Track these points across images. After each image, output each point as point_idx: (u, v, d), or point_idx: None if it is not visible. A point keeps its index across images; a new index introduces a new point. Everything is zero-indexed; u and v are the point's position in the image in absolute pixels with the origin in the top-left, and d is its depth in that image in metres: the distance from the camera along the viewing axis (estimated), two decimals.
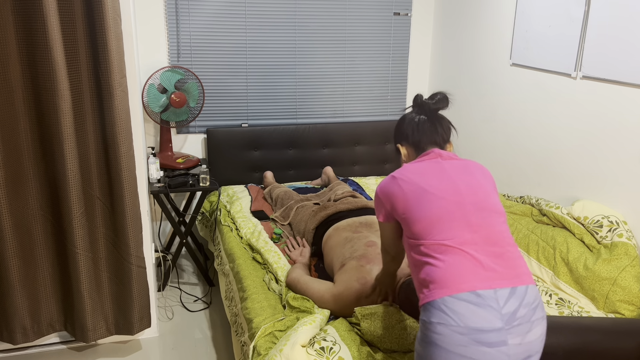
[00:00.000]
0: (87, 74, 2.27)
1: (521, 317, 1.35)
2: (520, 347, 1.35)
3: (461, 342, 1.33)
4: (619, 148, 2.38)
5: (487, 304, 1.34)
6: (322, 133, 3.67)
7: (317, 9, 3.55)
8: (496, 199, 1.54)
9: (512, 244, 1.47)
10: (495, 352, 1.32)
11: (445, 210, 1.47)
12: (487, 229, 1.44)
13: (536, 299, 1.40)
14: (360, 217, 2.59)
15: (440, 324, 1.35)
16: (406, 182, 1.56)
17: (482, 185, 1.54)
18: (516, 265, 1.42)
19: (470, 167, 1.60)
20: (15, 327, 2.44)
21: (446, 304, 1.36)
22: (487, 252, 1.41)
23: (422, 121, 1.71)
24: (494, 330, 1.33)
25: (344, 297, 2.07)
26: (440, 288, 1.38)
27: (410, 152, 1.74)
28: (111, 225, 2.45)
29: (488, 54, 3.24)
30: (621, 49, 2.31)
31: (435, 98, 1.72)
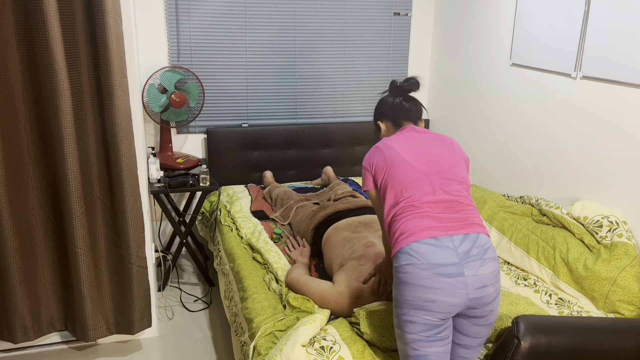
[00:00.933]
0: (87, 74, 2.27)
1: (474, 255, 1.64)
2: (475, 278, 1.62)
3: (425, 276, 1.60)
4: (619, 148, 2.38)
5: (444, 245, 1.63)
6: (322, 133, 3.67)
7: (317, 9, 3.56)
8: (458, 169, 1.81)
9: (468, 204, 1.75)
10: (453, 281, 1.60)
11: (414, 177, 1.76)
12: (447, 194, 1.74)
13: (487, 243, 1.68)
14: (360, 216, 2.59)
15: (408, 264, 1.63)
16: (388, 150, 1.84)
17: (447, 157, 1.82)
18: (469, 219, 1.71)
19: (440, 140, 1.88)
20: (16, 326, 2.45)
21: (412, 248, 1.64)
22: (446, 211, 1.71)
23: (398, 101, 2.02)
24: (451, 264, 1.61)
25: (343, 296, 2.07)
26: (406, 237, 1.67)
27: (389, 127, 2.03)
28: (112, 224, 2.45)
29: (488, 54, 3.24)
30: (621, 49, 2.31)
31: (409, 81, 2.03)
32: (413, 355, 1.65)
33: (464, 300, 1.61)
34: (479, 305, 1.64)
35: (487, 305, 1.65)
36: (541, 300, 2.30)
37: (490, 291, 1.64)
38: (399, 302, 1.66)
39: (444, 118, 3.75)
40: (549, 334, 1.76)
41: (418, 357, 1.64)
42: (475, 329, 1.70)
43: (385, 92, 2.10)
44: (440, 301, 1.59)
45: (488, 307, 1.66)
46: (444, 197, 1.73)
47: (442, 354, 1.66)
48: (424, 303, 1.60)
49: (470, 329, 1.70)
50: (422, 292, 1.60)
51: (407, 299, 1.63)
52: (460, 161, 1.84)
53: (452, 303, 1.60)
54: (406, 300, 1.63)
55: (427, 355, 1.64)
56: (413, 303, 1.61)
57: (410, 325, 1.63)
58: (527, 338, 1.74)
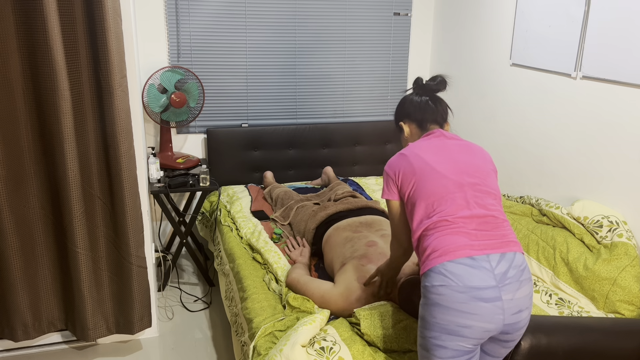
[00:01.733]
0: (87, 74, 2.27)
1: (511, 277, 1.52)
2: (512, 302, 1.51)
3: (461, 300, 1.49)
4: (619, 148, 2.38)
5: (481, 266, 1.51)
6: (322, 133, 3.67)
7: (317, 9, 3.56)
8: (492, 181, 1.69)
9: (503, 219, 1.63)
10: (491, 306, 1.49)
11: (447, 189, 1.63)
12: (482, 208, 1.61)
13: (523, 263, 1.57)
14: (360, 217, 2.59)
15: (442, 285, 1.51)
16: (415, 158, 1.70)
17: (480, 167, 1.69)
18: (505, 236, 1.59)
19: (471, 149, 1.75)
20: (17, 324, 2.45)
21: (446, 268, 1.52)
22: (480, 227, 1.58)
23: (424, 101, 1.85)
24: (489, 287, 1.49)
25: (344, 297, 2.07)
26: (440, 256, 1.54)
27: (413, 130, 1.87)
28: (111, 224, 2.45)
29: (488, 54, 3.24)
30: (621, 49, 2.31)
31: (436, 80, 1.86)
32: None
33: (500, 326, 1.52)
34: (512, 330, 1.55)
35: (519, 330, 1.57)
36: (541, 300, 2.30)
37: (525, 315, 1.56)
38: (429, 324, 1.55)
39: None
40: (549, 334, 1.75)
41: None
42: (501, 351, 1.63)
43: (409, 90, 1.94)
44: (476, 327, 1.49)
45: (520, 331, 1.58)
46: (479, 211, 1.60)
47: None
48: (459, 329, 1.50)
49: (497, 351, 1.63)
50: (457, 317, 1.49)
51: (439, 322, 1.52)
52: (492, 172, 1.72)
53: (488, 329, 1.51)
54: (438, 324, 1.52)
55: None
56: (446, 327, 1.51)
57: (440, 350, 1.53)
58: (527, 338, 1.74)
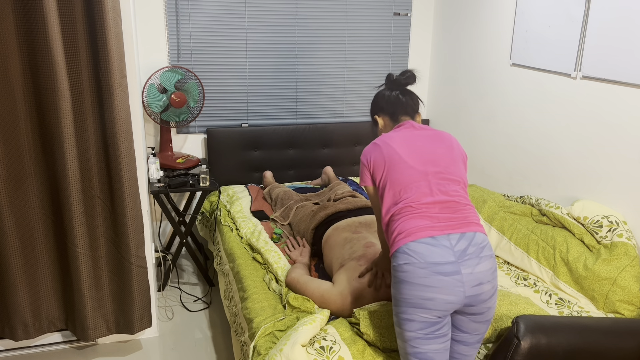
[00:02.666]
0: (87, 74, 2.27)
1: (470, 254, 1.66)
2: (472, 276, 1.64)
3: (423, 275, 1.63)
4: (619, 148, 2.38)
5: (441, 244, 1.65)
6: (322, 133, 3.67)
7: (317, 9, 3.56)
8: (456, 168, 1.82)
9: (465, 204, 1.76)
10: (451, 279, 1.62)
11: (412, 178, 1.77)
12: (444, 194, 1.75)
13: (484, 241, 1.70)
14: (360, 217, 2.59)
15: (406, 263, 1.65)
16: (386, 148, 1.84)
17: (445, 156, 1.83)
18: (466, 218, 1.73)
19: (439, 137, 1.88)
20: (17, 323, 2.45)
21: (409, 247, 1.66)
22: (443, 211, 1.73)
23: (395, 95, 2.00)
24: (448, 262, 1.63)
25: (343, 296, 2.07)
26: (404, 237, 1.69)
27: (386, 122, 2.02)
28: (111, 224, 2.45)
29: (488, 54, 3.24)
30: (621, 49, 2.31)
31: (406, 75, 2.01)
32: (412, 353, 1.68)
33: (461, 298, 1.63)
34: (476, 302, 1.66)
35: (484, 302, 1.68)
36: (541, 300, 2.30)
37: (487, 288, 1.67)
38: (397, 301, 1.69)
39: (444, 118, 3.75)
40: (549, 334, 1.76)
41: (417, 355, 1.67)
42: (474, 326, 1.72)
43: (382, 85, 2.09)
44: (438, 299, 1.62)
45: (485, 304, 1.68)
46: (442, 197, 1.74)
47: (441, 351, 1.69)
48: (422, 301, 1.63)
49: (469, 325, 1.72)
50: (420, 291, 1.62)
51: (405, 297, 1.65)
52: (458, 159, 1.85)
53: (450, 301, 1.63)
54: (404, 299, 1.65)
55: (426, 353, 1.67)
56: (411, 301, 1.64)
57: (408, 323, 1.66)
58: (527, 338, 1.74)
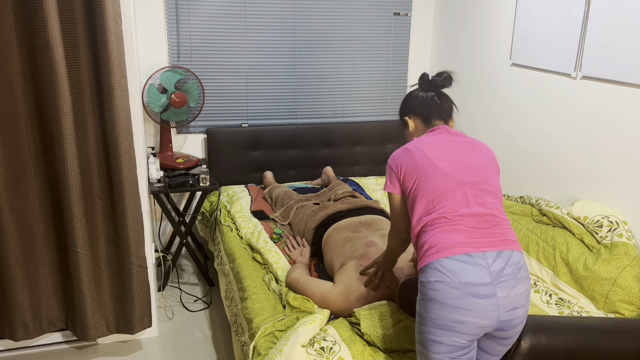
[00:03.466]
0: (87, 74, 2.27)
1: (507, 275, 1.54)
2: (507, 299, 1.53)
3: (456, 295, 1.51)
4: (619, 148, 2.38)
5: (477, 263, 1.53)
6: (322, 133, 3.67)
7: (317, 9, 3.56)
8: (493, 179, 1.70)
9: (503, 218, 1.65)
10: (485, 302, 1.51)
11: (448, 187, 1.64)
12: (481, 207, 1.63)
13: (520, 261, 1.59)
14: (360, 216, 2.59)
15: (437, 281, 1.53)
16: (419, 154, 1.71)
17: (483, 166, 1.70)
18: (504, 234, 1.61)
19: (475, 146, 1.75)
20: (17, 324, 2.45)
21: (441, 264, 1.54)
22: (479, 225, 1.60)
23: (430, 96, 1.87)
24: (483, 284, 1.51)
25: (344, 297, 2.07)
26: (436, 252, 1.56)
27: (418, 125, 1.88)
28: (112, 224, 2.45)
29: (488, 54, 3.24)
30: (621, 49, 2.31)
31: (443, 76, 1.89)
32: None
33: (495, 322, 1.54)
34: (508, 327, 1.57)
35: (515, 327, 1.59)
36: (541, 300, 2.30)
37: (521, 313, 1.58)
38: (424, 320, 1.58)
39: None
40: (549, 334, 1.75)
41: None
42: (499, 349, 1.65)
43: (414, 85, 1.96)
44: (470, 323, 1.52)
45: (516, 328, 1.60)
46: (479, 210, 1.62)
47: None
48: (453, 324, 1.52)
49: (494, 348, 1.65)
50: (452, 312, 1.52)
51: (433, 317, 1.55)
52: (494, 171, 1.73)
53: (482, 325, 1.53)
54: (432, 319, 1.55)
55: None
56: (440, 323, 1.54)
57: (435, 345, 1.56)
58: (527, 338, 1.74)
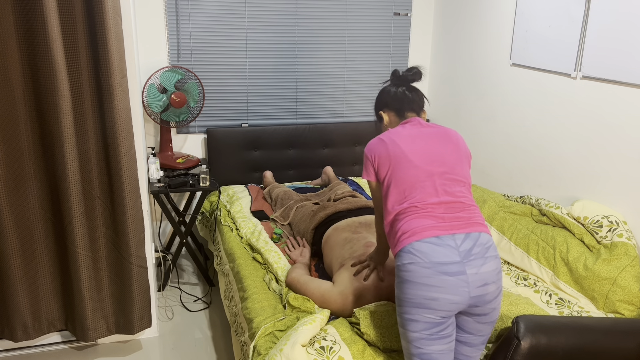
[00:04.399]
0: (87, 74, 2.27)
1: (476, 254, 1.65)
2: (477, 276, 1.63)
3: (427, 274, 1.62)
4: (619, 148, 2.38)
5: (446, 244, 1.65)
6: (322, 133, 3.67)
7: (317, 9, 3.56)
8: (461, 168, 1.81)
9: (470, 204, 1.76)
10: (455, 279, 1.61)
11: (418, 178, 1.76)
12: (449, 195, 1.75)
13: (489, 242, 1.69)
14: (360, 217, 2.59)
15: (410, 263, 1.64)
16: (392, 145, 1.82)
17: (451, 156, 1.81)
18: (471, 218, 1.72)
19: (445, 136, 1.86)
20: (16, 324, 2.45)
21: (414, 247, 1.65)
22: (447, 211, 1.72)
23: (402, 91, 1.98)
24: (453, 262, 1.62)
25: (344, 296, 2.07)
26: (409, 237, 1.68)
27: (392, 118, 1.99)
28: (111, 224, 2.45)
29: (488, 54, 3.24)
30: (621, 49, 2.31)
31: (412, 71, 1.98)
32: (416, 354, 1.67)
33: (466, 298, 1.62)
34: (481, 303, 1.65)
35: (489, 303, 1.67)
36: (541, 300, 2.30)
37: (492, 289, 1.66)
38: (401, 301, 1.68)
39: (444, 118, 3.75)
40: (549, 334, 1.76)
41: (421, 355, 1.66)
42: (478, 327, 1.72)
43: (387, 81, 2.07)
44: (442, 299, 1.61)
45: (490, 304, 1.67)
46: (447, 198, 1.74)
47: (445, 352, 1.67)
48: (426, 301, 1.62)
49: (473, 326, 1.72)
50: (424, 291, 1.61)
51: (409, 297, 1.64)
52: (464, 159, 1.84)
53: (454, 301, 1.62)
54: (408, 299, 1.64)
55: (431, 354, 1.66)
56: (415, 301, 1.63)
57: (412, 323, 1.65)
58: (527, 338, 1.74)
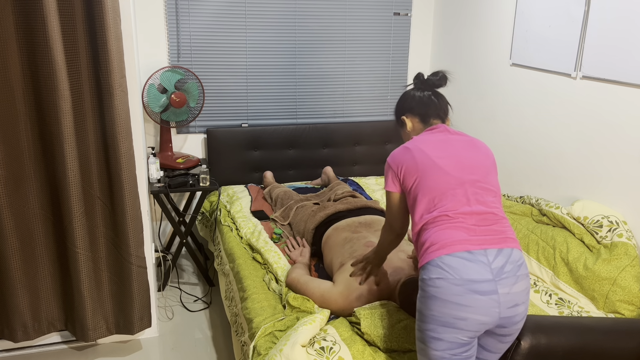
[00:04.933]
0: (87, 74, 2.27)
1: (508, 272, 1.55)
2: (509, 296, 1.54)
3: (457, 292, 1.51)
4: (619, 148, 2.38)
5: (478, 260, 1.54)
6: (322, 133, 3.67)
7: (317, 9, 3.55)
8: (492, 177, 1.72)
9: (502, 217, 1.66)
10: (487, 299, 1.51)
11: (449, 185, 1.65)
12: (482, 205, 1.64)
13: (520, 259, 1.60)
14: (360, 217, 2.59)
15: (439, 278, 1.54)
16: (419, 153, 1.71)
17: (482, 164, 1.72)
18: (503, 232, 1.62)
19: (474, 145, 1.77)
20: (16, 325, 2.45)
21: (443, 261, 1.55)
22: (479, 223, 1.61)
23: (427, 95, 1.87)
24: (485, 280, 1.52)
25: (344, 296, 2.07)
26: (438, 249, 1.57)
27: (415, 124, 1.88)
28: (111, 224, 2.45)
29: (488, 54, 3.24)
30: (621, 49, 2.31)
31: (438, 75, 1.88)
32: None
33: (496, 319, 1.54)
34: (508, 324, 1.58)
35: (516, 324, 1.59)
36: (541, 300, 2.30)
37: (522, 310, 1.58)
38: (425, 317, 1.58)
39: None
40: (549, 334, 1.75)
41: None
42: (499, 346, 1.65)
43: (409, 85, 1.96)
44: (472, 319, 1.52)
45: (516, 325, 1.60)
46: (479, 208, 1.63)
47: None
48: (454, 321, 1.52)
49: (495, 346, 1.65)
50: (453, 309, 1.52)
51: (435, 315, 1.55)
52: (493, 169, 1.74)
53: (483, 322, 1.53)
54: (434, 316, 1.55)
55: None
56: (442, 320, 1.54)
57: (436, 342, 1.56)
58: (527, 338, 1.74)
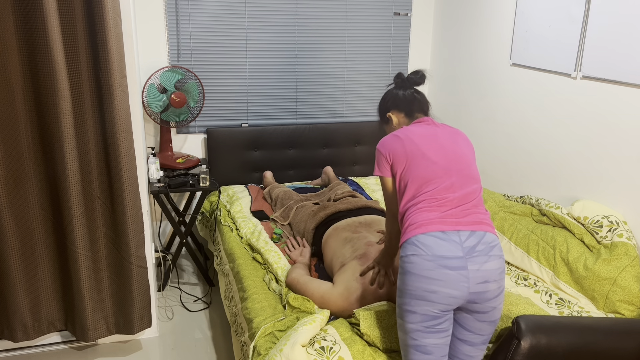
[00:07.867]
0: (87, 74, 2.27)
1: (479, 251, 1.66)
2: (478, 272, 1.64)
3: (429, 267, 1.64)
4: (619, 148, 2.38)
5: (450, 239, 1.67)
6: (322, 133, 3.67)
7: (317, 9, 3.55)
8: (474, 167, 1.85)
9: (480, 204, 1.78)
10: (456, 274, 1.63)
11: (435, 173, 1.78)
12: (463, 191, 1.76)
13: (494, 241, 1.71)
14: (360, 217, 2.59)
15: (414, 255, 1.67)
16: (408, 142, 1.83)
17: (466, 154, 1.85)
18: (478, 217, 1.74)
19: (457, 136, 1.90)
20: (16, 325, 2.45)
21: (418, 239, 1.68)
22: (458, 208, 1.74)
23: (410, 93, 2.03)
24: (455, 257, 1.64)
25: (344, 297, 2.07)
26: (415, 229, 1.70)
27: (401, 119, 2.02)
28: (111, 224, 2.45)
29: (488, 54, 3.24)
30: (621, 49, 2.31)
31: (419, 74, 2.03)
32: (412, 345, 1.69)
33: (465, 294, 1.64)
34: (480, 300, 1.66)
35: (489, 301, 1.67)
36: (541, 300, 2.30)
37: (493, 287, 1.66)
38: (401, 292, 1.70)
39: (444, 118, 3.75)
40: (549, 334, 1.76)
41: (417, 347, 1.69)
42: (478, 325, 1.72)
43: (391, 84, 2.09)
44: (441, 292, 1.63)
45: (489, 303, 1.68)
46: (460, 194, 1.75)
47: (440, 346, 1.69)
48: (425, 294, 1.63)
49: (473, 324, 1.72)
50: (424, 283, 1.63)
51: (409, 288, 1.66)
52: (474, 159, 1.88)
53: (453, 295, 1.63)
54: (408, 290, 1.67)
55: (426, 346, 1.68)
56: (415, 293, 1.65)
57: (410, 315, 1.67)
58: (527, 338, 1.74)
